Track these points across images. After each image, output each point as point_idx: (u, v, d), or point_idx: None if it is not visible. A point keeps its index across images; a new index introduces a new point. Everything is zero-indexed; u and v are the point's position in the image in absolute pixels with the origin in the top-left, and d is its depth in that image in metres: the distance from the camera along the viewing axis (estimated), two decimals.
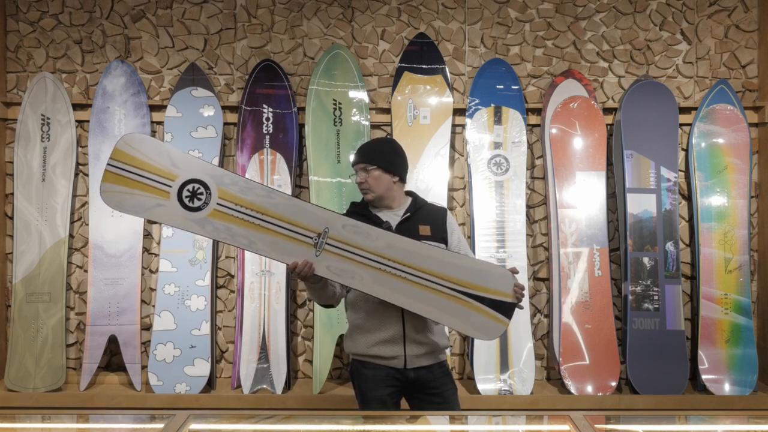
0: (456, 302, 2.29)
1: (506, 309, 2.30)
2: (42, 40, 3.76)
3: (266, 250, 2.29)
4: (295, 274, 2.24)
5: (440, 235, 2.42)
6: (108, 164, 2.25)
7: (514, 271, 2.30)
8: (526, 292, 2.37)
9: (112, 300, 3.53)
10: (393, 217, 2.42)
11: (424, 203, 2.49)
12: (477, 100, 3.67)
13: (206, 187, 2.29)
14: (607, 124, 3.67)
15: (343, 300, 2.46)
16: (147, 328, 3.66)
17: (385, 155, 2.43)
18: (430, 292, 2.28)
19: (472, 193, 3.60)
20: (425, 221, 2.42)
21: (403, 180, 2.47)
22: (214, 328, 3.61)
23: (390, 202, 2.43)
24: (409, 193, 2.50)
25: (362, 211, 2.45)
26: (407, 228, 2.38)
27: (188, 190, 2.28)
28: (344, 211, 2.52)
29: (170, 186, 2.28)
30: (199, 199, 2.28)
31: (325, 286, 2.32)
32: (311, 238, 2.28)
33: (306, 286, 2.34)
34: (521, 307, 2.33)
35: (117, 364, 3.69)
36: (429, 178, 3.59)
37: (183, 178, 2.28)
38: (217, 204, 2.28)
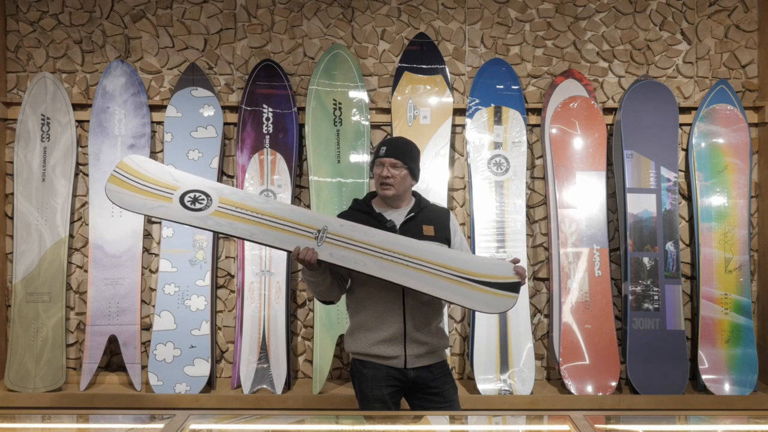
0: (460, 285, 2.31)
1: (511, 287, 2.33)
2: (42, 40, 3.76)
3: (268, 240, 2.35)
4: (299, 262, 2.26)
5: (443, 236, 2.43)
6: (114, 171, 2.38)
7: (515, 261, 2.35)
8: (526, 291, 2.39)
9: (112, 300, 3.53)
10: (397, 216, 2.42)
11: (427, 203, 2.50)
12: (477, 100, 3.67)
13: (207, 195, 2.38)
14: (607, 124, 3.67)
15: (343, 298, 2.47)
16: (147, 328, 3.66)
17: (414, 158, 2.45)
18: (434, 277, 2.30)
19: (472, 193, 3.60)
20: (429, 221, 2.43)
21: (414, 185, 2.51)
22: (214, 328, 3.61)
23: (399, 203, 2.44)
24: (413, 194, 2.51)
25: (366, 209, 2.45)
26: (411, 227, 2.39)
27: (190, 197, 2.37)
28: (346, 209, 2.53)
29: (172, 194, 2.37)
30: (201, 203, 2.36)
31: (327, 281, 2.33)
32: (311, 233, 2.34)
33: (307, 282, 2.36)
34: (524, 284, 2.36)
35: (117, 364, 3.69)
36: (429, 178, 3.59)
37: (184, 188, 2.39)
38: (219, 206, 2.36)
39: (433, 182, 3.60)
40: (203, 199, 2.36)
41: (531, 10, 3.80)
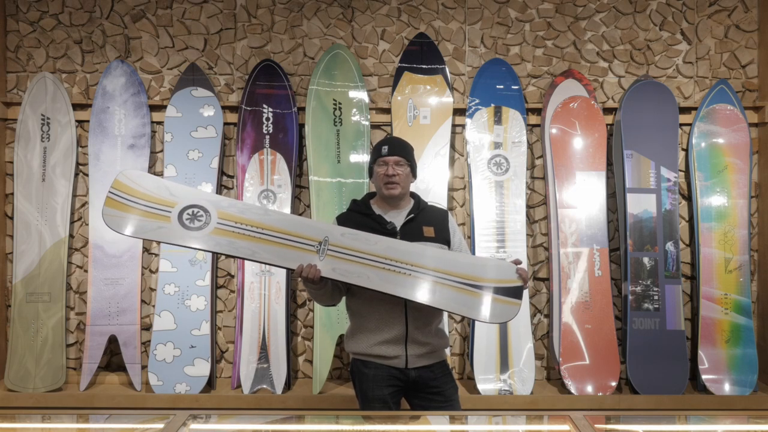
0: (464, 293, 2.31)
1: (514, 292, 2.33)
2: (42, 40, 3.76)
3: (270, 258, 2.33)
4: (302, 279, 2.25)
5: (443, 237, 2.43)
6: (109, 192, 2.34)
7: (516, 262, 2.34)
8: (526, 291, 2.39)
9: (112, 300, 3.53)
10: (397, 217, 2.42)
11: (425, 204, 2.50)
12: (477, 100, 3.67)
13: (205, 210, 2.36)
14: (607, 124, 3.67)
15: (343, 299, 2.47)
16: (147, 328, 3.66)
17: (413, 156, 2.47)
18: (437, 286, 2.30)
19: (472, 193, 3.60)
20: (429, 222, 2.42)
21: None
22: (214, 328, 3.61)
23: (399, 201, 2.44)
24: (411, 194, 2.51)
25: (364, 210, 2.44)
26: (411, 229, 2.39)
27: (188, 214, 2.35)
28: (344, 210, 2.53)
29: (170, 212, 2.35)
30: (200, 220, 2.35)
31: (328, 290, 2.33)
32: (312, 246, 2.32)
33: (308, 290, 2.35)
34: (527, 287, 2.36)
35: (117, 364, 3.69)
36: (429, 178, 3.59)
37: (182, 204, 2.36)
38: (218, 223, 2.35)
39: (433, 182, 3.60)
40: (202, 216, 2.35)
41: (531, 10, 3.80)
